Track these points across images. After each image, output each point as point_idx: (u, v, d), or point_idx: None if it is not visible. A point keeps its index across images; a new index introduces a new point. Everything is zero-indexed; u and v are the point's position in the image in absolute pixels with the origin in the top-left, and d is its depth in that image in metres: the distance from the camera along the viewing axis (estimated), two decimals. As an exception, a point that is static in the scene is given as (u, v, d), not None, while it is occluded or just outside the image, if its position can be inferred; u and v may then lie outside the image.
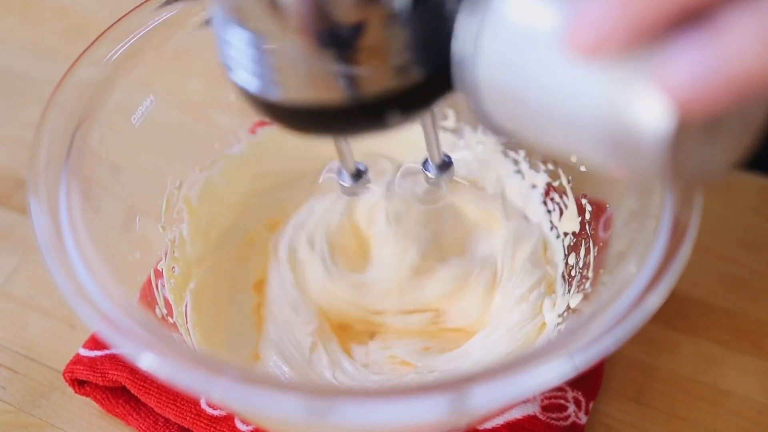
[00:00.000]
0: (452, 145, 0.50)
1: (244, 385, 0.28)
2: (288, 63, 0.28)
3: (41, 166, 0.34)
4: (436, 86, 0.29)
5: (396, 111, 0.29)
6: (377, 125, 0.30)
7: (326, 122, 0.29)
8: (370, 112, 0.29)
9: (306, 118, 0.29)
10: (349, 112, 0.28)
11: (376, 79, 0.28)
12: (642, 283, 0.30)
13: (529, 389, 0.28)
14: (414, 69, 0.28)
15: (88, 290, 0.31)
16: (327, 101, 0.28)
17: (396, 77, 0.28)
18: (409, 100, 0.29)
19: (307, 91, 0.28)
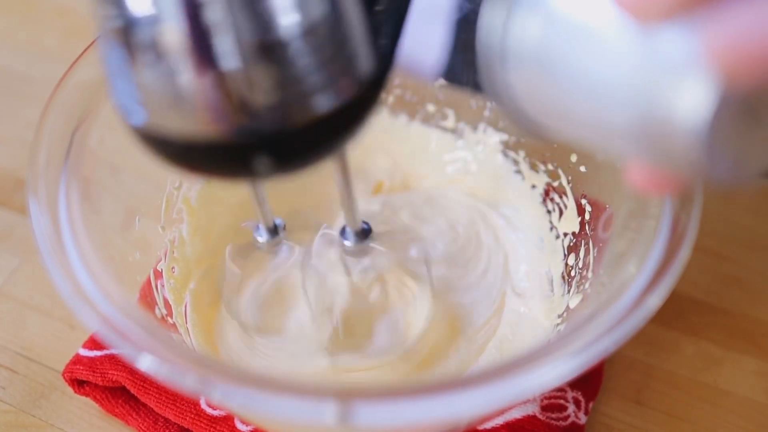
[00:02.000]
0: (451, 146, 0.50)
1: (244, 386, 0.28)
2: (153, 88, 0.25)
3: (41, 166, 0.34)
4: (317, 136, 0.26)
5: (264, 159, 0.26)
6: (245, 171, 0.26)
7: (192, 158, 0.27)
8: (238, 155, 0.26)
9: (170, 150, 0.27)
10: (208, 152, 0.26)
11: (235, 117, 0.24)
12: (641, 284, 0.30)
13: (529, 390, 0.28)
14: (292, 110, 0.25)
15: (87, 291, 0.31)
16: (187, 134, 0.25)
17: (267, 117, 0.25)
18: (281, 149, 0.26)
19: (170, 119, 0.25)
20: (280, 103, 0.25)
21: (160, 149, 0.27)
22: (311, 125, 0.25)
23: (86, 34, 0.40)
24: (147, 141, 0.27)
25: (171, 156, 0.27)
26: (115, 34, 0.25)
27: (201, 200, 0.46)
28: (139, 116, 0.26)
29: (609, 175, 0.41)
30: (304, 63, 0.24)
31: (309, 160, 0.27)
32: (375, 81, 0.27)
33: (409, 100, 0.50)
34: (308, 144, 0.26)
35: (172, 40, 0.24)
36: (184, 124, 0.25)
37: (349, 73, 0.26)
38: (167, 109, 0.25)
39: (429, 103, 0.50)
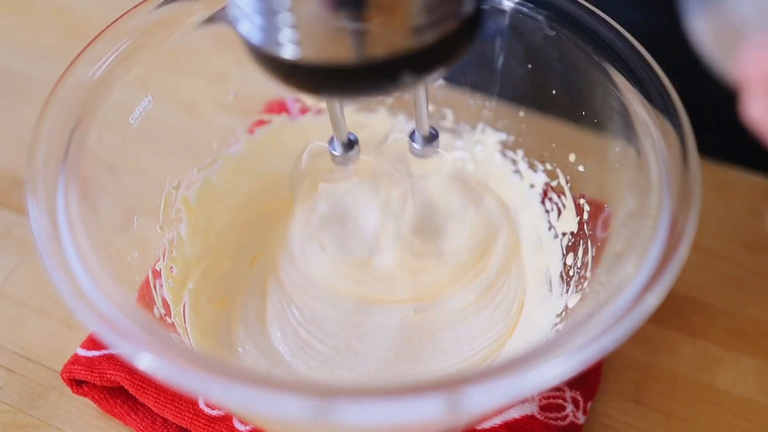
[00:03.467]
0: (450, 146, 0.50)
1: (242, 386, 0.28)
2: (302, 20, 0.27)
3: (39, 166, 0.34)
4: (449, 47, 0.29)
5: (409, 72, 0.29)
6: (390, 86, 0.29)
7: (338, 82, 0.29)
8: (384, 73, 0.29)
9: (318, 78, 0.29)
10: (362, 73, 0.28)
11: (389, 39, 0.28)
12: (640, 283, 0.30)
13: (528, 389, 0.28)
14: (428, 30, 0.28)
15: (85, 290, 0.31)
16: (341, 60, 0.28)
17: (410, 38, 0.28)
18: (423, 62, 0.29)
19: (322, 50, 0.28)
20: (425, 24, 0.28)
21: (312, 79, 0.29)
22: (446, 39, 0.29)
23: (85, 33, 0.40)
24: (297, 73, 0.29)
25: (324, 85, 0.30)
26: None
27: (200, 200, 0.46)
28: (290, 50, 0.28)
29: (607, 175, 0.41)
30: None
31: (442, 67, 0.30)
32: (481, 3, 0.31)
33: (408, 100, 0.50)
34: (443, 54, 0.29)
35: None
36: (341, 51, 0.28)
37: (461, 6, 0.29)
38: (323, 41, 0.28)
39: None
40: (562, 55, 0.40)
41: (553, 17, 0.40)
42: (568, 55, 0.40)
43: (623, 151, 0.37)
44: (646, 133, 0.34)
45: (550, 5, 0.40)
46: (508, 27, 0.43)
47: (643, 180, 0.34)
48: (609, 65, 0.37)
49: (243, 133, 0.48)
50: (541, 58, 0.42)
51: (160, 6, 0.40)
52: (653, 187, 0.33)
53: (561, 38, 0.40)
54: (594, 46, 0.38)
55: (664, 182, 0.33)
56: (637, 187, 0.36)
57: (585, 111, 0.41)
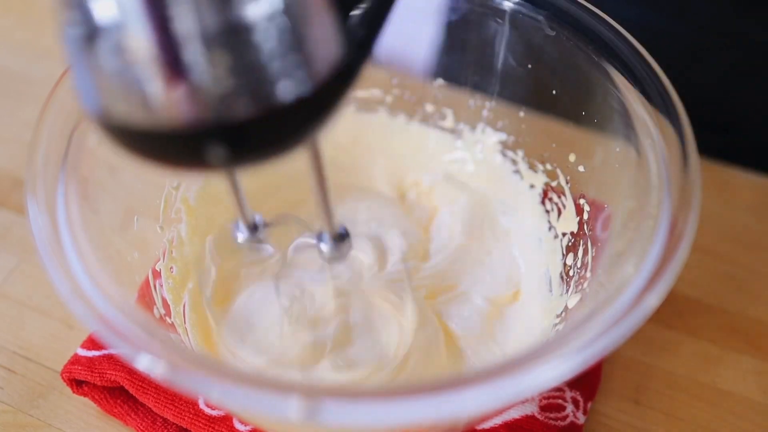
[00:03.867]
0: (450, 146, 0.50)
1: (242, 387, 0.28)
2: (109, 75, 0.24)
3: (39, 166, 0.34)
4: (276, 127, 0.25)
5: (220, 149, 0.25)
6: (200, 162, 0.25)
7: (148, 146, 0.26)
8: (191, 144, 0.25)
9: (126, 139, 0.26)
10: (164, 141, 0.25)
11: (194, 105, 0.24)
12: (640, 284, 0.30)
13: (528, 390, 0.28)
14: (241, 101, 0.24)
15: (85, 290, 0.31)
16: (139, 123, 0.25)
17: (217, 106, 0.24)
18: (238, 139, 0.25)
19: (124, 108, 0.25)
20: (235, 91, 0.24)
21: (115, 137, 0.26)
22: (269, 115, 0.24)
23: (85, 33, 0.40)
24: (104, 129, 0.26)
25: (127, 144, 0.26)
26: (70, 23, 0.25)
27: (199, 200, 0.45)
28: (94, 103, 0.26)
29: (607, 175, 0.41)
30: (260, 51, 0.24)
31: (270, 153, 0.26)
32: (342, 73, 0.26)
33: (408, 99, 0.50)
34: (267, 135, 0.25)
35: (126, 34, 0.23)
36: (139, 114, 0.24)
37: (310, 64, 0.25)
38: (120, 97, 0.25)
39: (428, 103, 0.50)
40: (562, 55, 0.40)
41: (553, 17, 0.40)
42: (568, 55, 0.40)
43: (623, 151, 0.37)
44: (646, 133, 0.34)
45: (550, 5, 0.40)
46: (508, 27, 0.43)
47: (643, 180, 0.34)
48: (609, 65, 0.37)
49: (243, 133, 0.48)
50: (541, 58, 0.42)
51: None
52: (653, 187, 0.33)
53: (561, 38, 0.40)
54: (594, 46, 0.38)
55: (664, 182, 0.33)
56: (637, 187, 0.36)
57: (585, 111, 0.41)
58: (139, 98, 0.24)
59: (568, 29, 0.39)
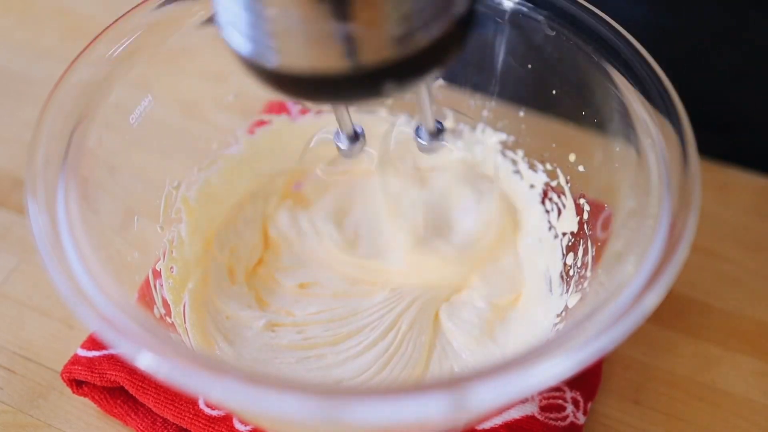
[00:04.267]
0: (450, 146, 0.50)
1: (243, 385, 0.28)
2: (285, 28, 0.27)
3: (39, 166, 0.34)
4: (436, 53, 0.29)
5: (393, 81, 0.29)
6: (374, 94, 0.29)
7: (322, 90, 0.29)
8: (368, 82, 0.28)
9: (301, 86, 0.29)
10: (346, 81, 0.28)
11: (373, 48, 0.27)
12: (640, 283, 0.30)
13: (529, 388, 0.28)
14: (412, 38, 0.27)
15: (86, 290, 0.31)
16: (324, 70, 0.28)
17: (394, 47, 0.27)
18: (407, 70, 0.29)
19: (304, 58, 0.28)
20: (406, 33, 0.27)
21: (294, 87, 0.29)
22: (431, 48, 0.28)
23: (85, 33, 0.40)
24: (281, 81, 0.29)
25: (306, 91, 0.30)
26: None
27: (200, 200, 0.45)
28: (273, 58, 0.28)
29: (607, 175, 0.41)
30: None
31: (425, 75, 0.30)
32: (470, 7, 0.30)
33: (409, 100, 0.50)
34: (427, 62, 0.29)
35: None
36: (321, 61, 0.28)
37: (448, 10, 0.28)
38: (301, 49, 0.28)
39: (428, 104, 0.50)
40: (563, 55, 0.40)
41: (554, 17, 0.40)
42: (568, 55, 0.40)
43: (623, 151, 0.37)
44: (646, 133, 0.34)
45: (551, 5, 0.40)
46: (508, 27, 0.43)
47: (643, 180, 0.34)
48: (609, 65, 0.38)
49: (243, 134, 0.48)
50: (542, 58, 0.42)
51: (160, 6, 0.40)
52: (653, 187, 0.33)
53: (561, 38, 0.40)
54: (594, 46, 0.38)
55: (664, 182, 0.33)
56: (637, 187, 0.36)
57: (585, 111, 0.41)
58: (323, 45, 0.27)
59: (569, 29, 0.39)
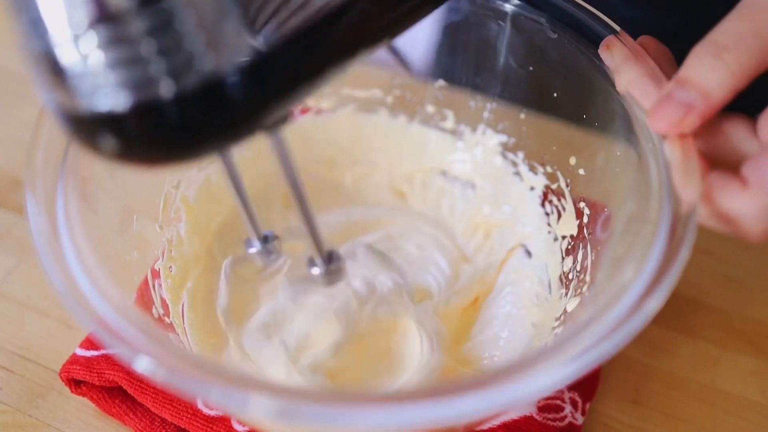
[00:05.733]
0: (451, 147, 0.50)
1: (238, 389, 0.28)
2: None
3: (38, 166, 0.34)
4: (152, 126, 0.24)
5: (108, 137, 0.25)
6: (93, 148, 0.26)
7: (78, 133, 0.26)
8: (83, 130, 0.25)
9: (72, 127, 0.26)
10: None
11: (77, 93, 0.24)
12: (640, 288, 0.30)
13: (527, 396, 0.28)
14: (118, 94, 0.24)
15: (84, 291, 0.31)
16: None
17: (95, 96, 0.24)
18: (122, 131, 0.25)
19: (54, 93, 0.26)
20: (114, 83, 0.24)
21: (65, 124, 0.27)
22: (145, 112, 0.24)
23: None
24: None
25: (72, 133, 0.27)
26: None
27: (199, 199, 0.45)
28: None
29: (608, 178, 0.41)
30: (139, 43, 0.23)
31: (163, 155, 0.26)
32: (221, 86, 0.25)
33: (409, 100, 0.50)
34: (151, 133, 0.25)
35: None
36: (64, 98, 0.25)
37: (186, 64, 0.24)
38: (48, 83, 0.25)
39: (428, 104, 0.50)
40: (564, 58, 0.40)
41: (555, 20, 0.40)
42: (569, 57, 0.40)
43: (624, 154, 0.37)
44: (647, 136, 0.34)
45: (552, 7, 0.40)
46: (509, 29, 0.43)
47: (644, 183, 0.34)
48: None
49: (243, 133, 0.48)
50: (543, 60, 0.42)
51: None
52: (653, 190, 0.33)
53: (563, 41, 0.40)
54: (596, 49, 0.38)
55: (665, 186, 0.33)
56: (637, 190, 0.35)
57: (586, 114, 0.41)
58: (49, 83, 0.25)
59: (570, 32, 0.39)
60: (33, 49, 0.25)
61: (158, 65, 0.24)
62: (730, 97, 0.31)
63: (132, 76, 0.24)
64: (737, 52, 0.30)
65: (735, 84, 0.30)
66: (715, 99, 0.30)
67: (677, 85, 0.31)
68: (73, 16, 0.23)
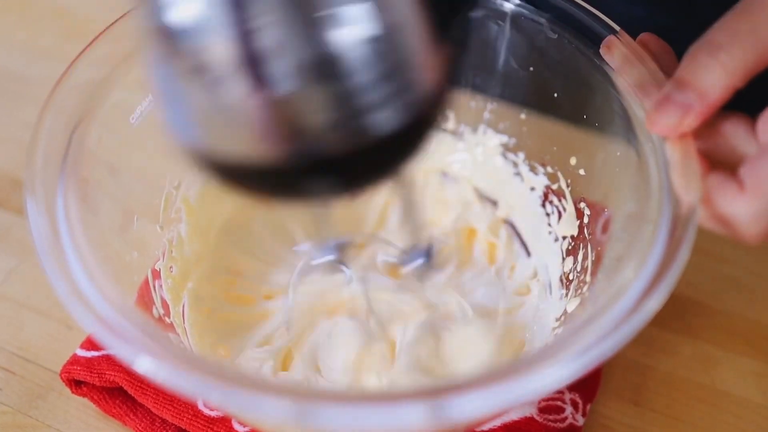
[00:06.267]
0: (451, 148, 0.50)
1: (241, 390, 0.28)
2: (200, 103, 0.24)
3: (38, 166, 0.34)
4: (377, 158, 0.24)
5: (324, 183, 0.24)
6: (304, 196, 0.25)
7: (251, 183, 0.25)
8: (289, 179, 0.24)
9: (226, 174, 0.26)
10: (266, 176, 0.24)
11: (290, 139, 0.23)
12: (640, 288, 0.30)
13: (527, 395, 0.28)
14: (336, 135, 0.23)
15: (84, 292, 0.31)
16: (242, 158, 0.24)
17: (316, 141, 0.23)
18: (340, 172, 0.24)
19: (221, 141, 0.24)
20: (336, 124, 0.23)
21: (215, 172, 0.26)
22: (370, 148, 0.24)
23: (84, 34, 0.40)
24: (202, 164, 0.26)
25: (228, 180, 0.26)
26: (161, 47, 0.23)
27: (200, 200, 0.45)
28: (192, 137, 0.25)
29: (608, 179, 0.41)
30: (356, 82, 0.22)
31: (367, 183, 0.25)
32: (435, 98, 0.25)
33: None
34: (368, 167, 0.25)
35: (218, 55, 0.22)
36: (237, 147, 0.24)
37: (407, 93, 0.23)
38: (218, 132, 0.24)
39: (428, 104, 0.50)
40: (564, 58, 0.40)
41: (555, 20, 0.40)
42: (569, 57, 0.40)
43: (624, 154, 0.37)
44: (647, 136, 0.34)
45: (553, 8, 0.40)
46: (509, 29, 0.43)
47: (644, 183, 0.34)
48: (610, 68, 0.37)
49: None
50: (543, 60, 0.42)
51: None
52: (653, 191, 0.33)
53: (563, 41, 0.40)
54: (596, 49, 0.38)
55: (665, 186, 0.33)
56: (637, 191, 0.35)
57: (586, 114, 0.41)
58: (235, 134, 0.23)
59: (570, 32, 0.39)
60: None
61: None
62: (728, 95, 0.31)
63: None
64: (733, 50, 0.30)
65: (732, 83, 0.30)
66: (712, 98, 0.30)
67: (674, 87, 0.31)
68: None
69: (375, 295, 0.41)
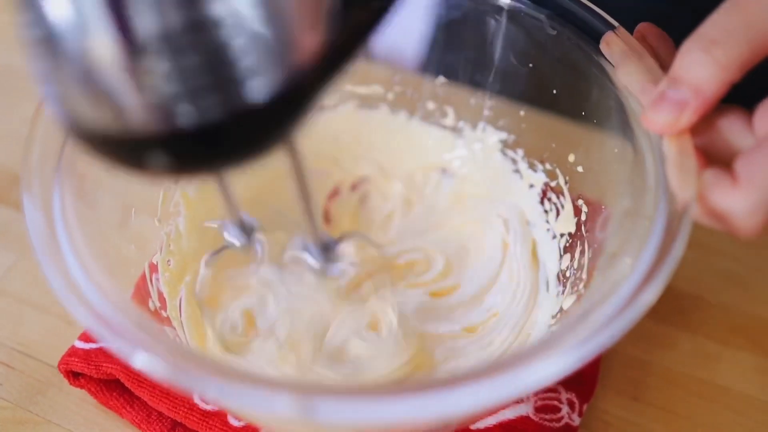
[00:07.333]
0: (451, 144, 0.50)
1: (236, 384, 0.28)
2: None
3: (35, 162, 0.34)
4: (245, 128, 0.24)
5: (157, 155, 0.24)
6: (138, 166, 0.25)
7: (117, 155, 0.25)
8: (158, 150, 0.24)
9: (93, 144, 0.25)
10: (140, 147, 0.24)
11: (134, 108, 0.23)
12: (636, 280, 0.30)
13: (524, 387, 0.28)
14: (207, 103, 0.23)
15: (81, 287, 0.31)
16: (106, 130, 0.24)
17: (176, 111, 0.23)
18: (208, 142, 0.23)
19: (86, 112, 0.24)
20: (200, 94, 0.23)
21: (82, 142, 0.26)
22: (241, 117, 0.23)
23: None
24: (77, 137, 0.26)
25: (96, 151, 0.26)
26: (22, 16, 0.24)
27: (199, 193, 0.45)
28: (60, 108, 0.25)
29: (605, 175, 0.41)
30: (226, 48, 0.22)
31: (246, 154, 0.25)
32: (309, 74, 0.24)
33: (410, 97, 0.50)
34: (242, 137, 0.24)
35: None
36: (105, 119, 0.24)
37: (284, 58, 0.23)
38: (84, 103, 0.24)
39: (429, 101, 0.50)
40: (563, 54, 0.40)
41: (554, 16, 0.40)
42: (568, 54, 0.39)
43: (621, 150, 0.37)
44: (644, 132, 0.34)
45: (551, 4, 0.40)
46: (508, 26, 0.43)
47: (640, 180, 0.34)
48: (608, 64, 0.37)
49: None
50: (542, 57, 0.42)
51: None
52: (649, 186, 0.33)
53: (561, 37, 0.40)
54: (594, 45, 0.38)
55: (661, 182, 0.32)
56: (633, 186, 0.35)
57: (584, 110, 0.41)
58: (104, 104, 0.23)
59: (569, 28, 0.39)
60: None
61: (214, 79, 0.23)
62: (724, 90, 0.30)
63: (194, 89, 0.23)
64: (726, 45, 0.29)
65: (726, 77, 0.30)
66: (707, 94, 0.30)
67: (669, 84, 0.31)
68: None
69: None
